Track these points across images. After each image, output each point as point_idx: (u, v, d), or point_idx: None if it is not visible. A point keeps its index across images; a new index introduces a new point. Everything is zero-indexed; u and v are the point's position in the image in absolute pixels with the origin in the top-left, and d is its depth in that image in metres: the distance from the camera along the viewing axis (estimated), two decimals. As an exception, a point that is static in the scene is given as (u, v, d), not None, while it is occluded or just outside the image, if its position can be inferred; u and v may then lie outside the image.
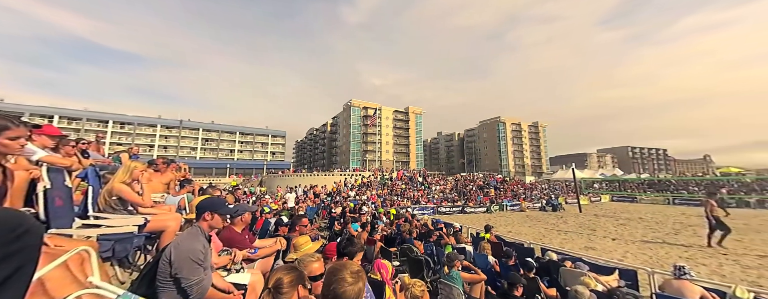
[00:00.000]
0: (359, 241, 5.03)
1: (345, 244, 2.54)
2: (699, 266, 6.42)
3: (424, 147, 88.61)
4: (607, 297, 2.96)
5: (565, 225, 12.73)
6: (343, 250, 2.47)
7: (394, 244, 6.01)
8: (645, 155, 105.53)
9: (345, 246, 2.52)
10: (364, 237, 5.16)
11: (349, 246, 2.52)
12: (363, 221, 6.92)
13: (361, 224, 6.26)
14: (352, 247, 2.51)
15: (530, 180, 40.15)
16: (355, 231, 6.07)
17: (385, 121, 68.27)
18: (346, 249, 2.49)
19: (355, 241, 2.35)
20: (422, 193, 20.46)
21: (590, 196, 25.70)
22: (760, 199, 19.30)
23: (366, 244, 5.26)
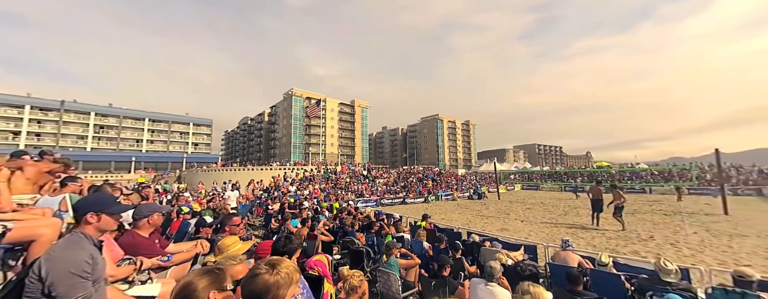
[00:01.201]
0: (299, 238, 4.84)
1: (283, 243, 2.41)
2: (579, 239, 8.20)
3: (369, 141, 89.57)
4: (513, 269, 3.55)
5: (487, 211, 14.65)
6: (281, 249, 2.34)
7: (336, 238, 5.99)
8: (547, 151, 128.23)
9: (283, 244, 2.39)
10: (304, 233, 4.99)
11: (288, 244, 2.41)
12: (303, 217, 6.66)
13: (302, 220, 6.02)
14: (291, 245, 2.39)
15: (462, 172, 44.72)
16: (294, 228, 5.81)
17: (330, 113, 66.30)
18: (285, 247, 2.37)
19: (293, 239, 2.25)
20: (367, 186, 20.77)
21: (507, 186, 30.07)
22: (620, 186, 25.68)
23: (307, 240, 5.10)
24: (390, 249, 3.47)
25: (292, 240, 2.21)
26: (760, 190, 19.79)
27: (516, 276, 3.37)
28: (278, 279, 1.01)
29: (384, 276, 3.37)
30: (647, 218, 11.51)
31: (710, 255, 6.37)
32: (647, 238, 8.03)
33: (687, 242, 7.51)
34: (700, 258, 6.06)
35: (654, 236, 8.27)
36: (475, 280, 2.89)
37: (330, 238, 5.28)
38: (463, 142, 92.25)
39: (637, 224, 10.26)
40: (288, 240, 2.22)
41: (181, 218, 4.90)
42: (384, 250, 3.56)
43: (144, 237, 2.38)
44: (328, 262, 3.00)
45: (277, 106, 66.51)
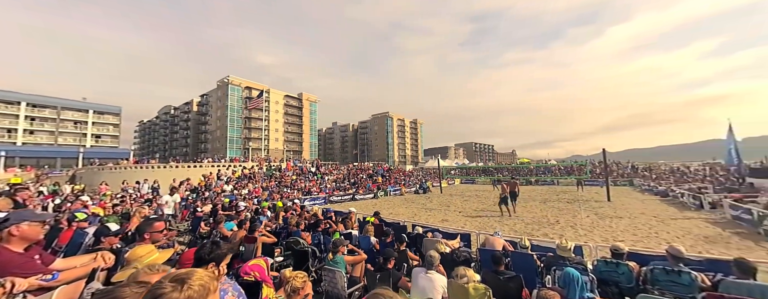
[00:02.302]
0: (233, 242, 4.42)
1: (209, 249, 2.15)
2: (504, 226, 9.41)
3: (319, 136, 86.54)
4: (450, 256, 3.89)
5: (431, 204, 15.69)
6: (206, 256, 2.09)
7: (279, 239, 5.66)
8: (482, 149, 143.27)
9: (209, 250, 2.13)
10: (241, 236, 4.58)
11: (215, 249, 2.16)
12: (241, 218, 6.10)
13: (238, 222, 5.50)
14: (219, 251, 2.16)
15: (410, 168, 46.78)
16: (229, 231, 5.29)
17: (274, 105, 61.75)
18: (212, 253, 2.12)
19: (221, 244, 2.02)
20: (315, 183, 20.08)
21: (448, 180, 32.63)
22: (537, 179, 30.21)
23: (244, 243, 4.69)
24: (336, 247, 3.44)
25: (220, 246, 2.00)
26: (632, 181, 25.67)
27: (452, 263, 3.70)
28: (190, 295, 0.85)
29: (330, 275, 3.33)
30: (555, 206, 13.83)
31: (597, 233, 8.02)
32: (554, 222, 9.69)
33: (582, 224, 9.30)
34: (590, 237, 7.57)
35: (559, 220, 10.01)
36: (417, 269, 3.08)
37: (272, 240, 4.96)
38: (411, 140, 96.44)
39: (548, 211, 12.27)
40: (215, 246, 2.00)
41: (74, 226, 3.97)
42: (330, 248, 3.51)
43: (15, 252, 1.86)
44: (268, 265, 2.82)
45: (210, 94, 59.05)
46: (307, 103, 69.33)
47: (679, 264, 3.14)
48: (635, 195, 17.98)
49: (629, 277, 3.29)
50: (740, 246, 6.49)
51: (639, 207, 12.61)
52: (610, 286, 3.33)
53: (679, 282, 3.00)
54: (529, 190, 22.65)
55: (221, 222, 5.59)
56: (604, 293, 3.22)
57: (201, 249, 2.07)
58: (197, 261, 2.05)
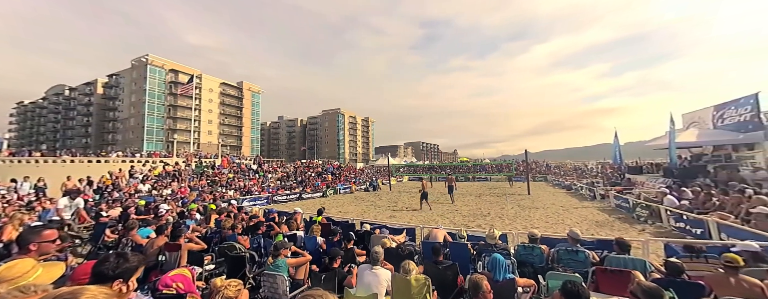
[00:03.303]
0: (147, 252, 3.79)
1: (114, 262, 1.77)
2: (445, 219, 10.17)
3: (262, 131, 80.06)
4: (395, 251, 4.03)
5: (380, 201, 16.01)
6: (111, 271, 1.71)
7: (210, 245, 5.05)
8: (429, 148, 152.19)
9: (115, 264, 1.75)
10: (160, 244, 3.95)
11: (121, 262, 1.79)
12: (161, 223, 5.25)
13: (157, 227, 4.72)
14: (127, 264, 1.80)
15: (360, 166, 46.86)
16: (144, 239, 4.51)
17: (208, 93, 54.94)
18: (118, 268, 1.75)
19: (128, 255, 1.69)
20: (256, 182, 18.51)
21: (397, 178, 33.76)
22: (474, 176, 33.40)
23: (165, 251, 4.06)
24: (278, 250, 3.23)
25: (127, 257, 1.68)
26: (546, 177, 30.40)
27: (397, 257, 3.84)
28: None
29: (270, 280, 3.11)
30: (487, 199, 15.53)
31: (519, 222, 9.28)
32: (486, 214, 10.87)
33: (507, 215, 10.65)
34: (513, 226, 8.71)
35: (490, 212, 11.28)
36: (363, 266, 3.10)
37: (201, 246, 4.40)
38: (363, 138, 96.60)
39: (482, 204, 13.70)
40: (121, 258, 1.66)
41: None
42: (271, 252, 3.27)
43: None
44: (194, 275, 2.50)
45: (122, 75, 49.43)
46: (248, 94, 63.40)
47: (577, 244, 3.85)
48: (548, 189, 21.37)
49: (541, 258, 3.89)
50: (620, 228, 8.27)
51: (551, 199, 15.03)
52: (526, 267, 3.89)
53: (576, 259, 3.66)
54: (467, 186, 24.95)
55: (133, 228, 4.71)
56: (522, 273, 3.74)
57: (102, 262, 1.69)
58: (97, 277, 1.67)
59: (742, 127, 11.67)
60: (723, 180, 9.60)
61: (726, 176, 9.93)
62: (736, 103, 12.13)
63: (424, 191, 12.60)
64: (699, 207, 7.59)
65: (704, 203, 7.75)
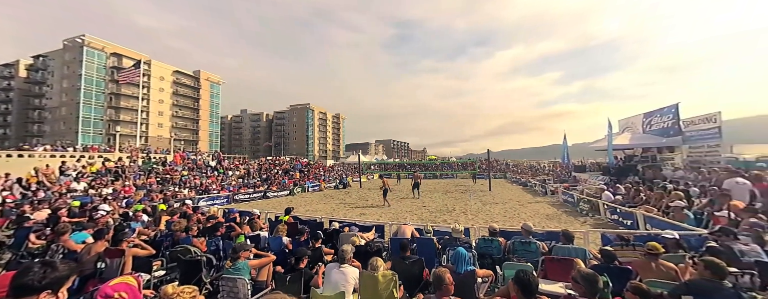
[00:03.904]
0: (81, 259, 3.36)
1: (40, 273, 1.52)
2: (413, 215, 10.44)
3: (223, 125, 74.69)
4: (364, 248, 4.04)
5: (350, 199, 15.90)
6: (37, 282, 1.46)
7: (160, 249, 4.60)
8: (399, 146, 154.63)
9: (41, 275, 1.51)
10: (98, 250, 3.50)
11: (49, 273, 1.55)
12: (100, 227, 4.65)
13: (96, 231, 4.18)
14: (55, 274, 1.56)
15: (330, 163, 45.99)
16: (78, 245, 3.97)
17: (159, 82, 49.81)
18: (46, 278, 1.50)
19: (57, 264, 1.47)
20: (214, 180, 17.22)
21: (368, 175, 33.77)
22: (441, 173, 34.68)
23: (106, 257, 3.62)
24: (237, 253, 3.05)
25: (55, 266, 1.46)
26: (505, 175, 32.64)
27: (366, 254, 3.85)
28: None
29: (229, 284, 2.93)
30: (453, 196, 16.25)
31: (481, 217, 9.86)
32: (452, 209, 11.38)
33: (471, 210, 11.25)
34: (476, 220, 9.24)
35: (455, 208, 11.82)
36: (330, 265, 3.06)
37: (148, 252, 3.99)
38: (333, 134, 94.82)
39: (448, 200, 14.30)
40: (48, 267, 1.45)
41: None
42: (230, 254, 3.08)
43: None
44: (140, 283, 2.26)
45: (51, 57, 42.74)
46: (206, 84, 58.64)
47: (529, 236, 4.20)
48: (507, 185, 23.00)
49: (499, 250, 4.18)
50: (566, 221, 9.20)
51: (509, 195, 16.20)
52: (486, 258, 4.15)
53: (529, 250, 4.00)
54: (435, 183, 25.85)
55: (65, 232, 4.11)
56: (482, 264, 3.99)
57: (25, 272, 1.44)
58: (18, 290, 1.42)
59: (665, 132, 13.66)
60: (649, 178, 11.15)
61: (652, 174, 11.55)
62: (660, 112, 14.14)
63: (386, 188, 13.07)
64: (630, 202, 8.74)
65: (634, 198, 8.94)
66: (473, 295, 2.85)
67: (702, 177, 9.11)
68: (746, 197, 6.29)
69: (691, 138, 12.39)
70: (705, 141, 11.72)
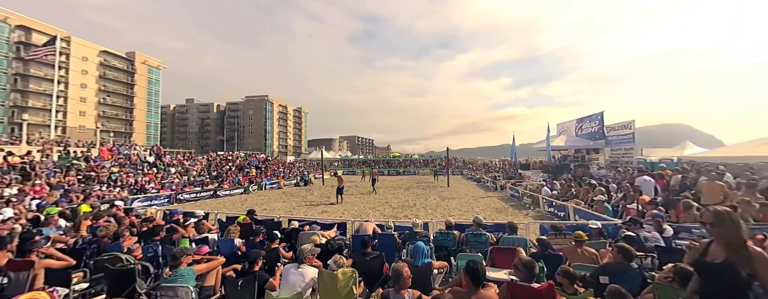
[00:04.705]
0: None
1: None
2: (375, 211, 10.56)
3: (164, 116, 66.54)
4: (325, 246, 3.98)
5: (312, 196, 15.45)
6: None
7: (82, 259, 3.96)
8: (364, 142, 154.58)
9: None
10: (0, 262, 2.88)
11: None
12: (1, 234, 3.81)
13: (-11, 241, 3.41)
14: None
15: (291, 159, 44.03)
16: (-39, 258, 3.21)
17: (80, 63, 42.50)
18: None
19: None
20: (152, 178, 15.28)
21: (331, 172, 33.14)
22: (404, 170, 35.56)
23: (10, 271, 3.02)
24: (177, 259, 2.77)
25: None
26: (462, 172, 34.77)
27: (327, 252, 3.80)
28: None
29: (169, 293, 2.64)
30: (414, 192, 16.82)
31: (439, 211, 10.38)
32: (413, 205, 11.78)
33: (430, 205, 11.78)
34: (434, 215, 9.70)
35: (416, 203, 12.26)
36: (288, 266, 2.95)
37: (66, 262, 3.41)
38: (295, 129, 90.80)
39: (409, 196, 14.75)
40: None
41: None
42: (170, 261, 2.78)
43: None
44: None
45: None
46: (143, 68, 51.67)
47: (480, 229, 4.55)
48: (464, 182, 24.55)
49: (454, 242, 4.46)
50: (512, 213, 10.16)
51: (465, 191, 17.32)
52: (442, 250, 4.40)
53: (480, 241, 4.34)
54: (398, 180, 26.42)
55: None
56: (439, 256, 4.22)
57: None
58: None
59: (592, 136, 15.85)
60: (579, 175, 12.85)
61: (581, 172, 13.32)
62: (589, 118, 16.35)
63: (340, 186, 13.22)
64: (563, 196, 9.98)
65: (566, 193, 10.24)
66: (429, 286, 3.01)
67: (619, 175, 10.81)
68: (652, 192, 7.64)
69: (611, 141, 14.58)
70: (622, 144, 13.90)
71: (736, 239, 1.66)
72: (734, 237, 1.66)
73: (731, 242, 1.67)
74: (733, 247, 1.65)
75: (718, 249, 1.73)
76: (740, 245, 1.64)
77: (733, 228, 1.67)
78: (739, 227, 1.68)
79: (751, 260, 1.58)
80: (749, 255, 1.59)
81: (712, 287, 1.73)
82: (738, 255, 1.62)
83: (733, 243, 1.66)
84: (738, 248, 1.64)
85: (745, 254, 1.60)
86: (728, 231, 1.68)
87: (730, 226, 1.68)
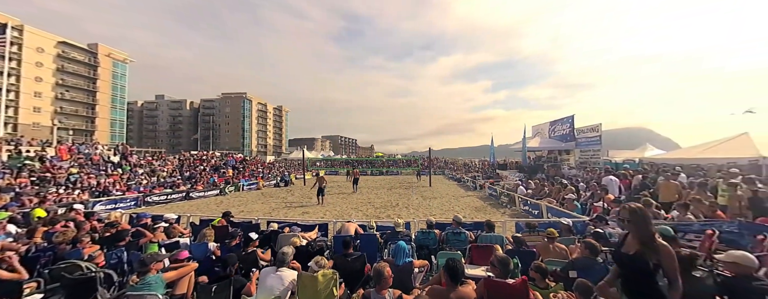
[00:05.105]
0: None
1: None
2: (358, 212, 10.51)
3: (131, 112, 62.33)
4: (305, 248, 3.91)
5: (293, 197, 15.09)
6: None
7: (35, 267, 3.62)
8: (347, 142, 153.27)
9: None
10: None
11: None
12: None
13: None
14: None
15: (271, 159, 42.74)
16: None
17: (35, 54, 38.95)
18: None
19: None
20: (117, 179, 14.24)
21: (313, 172, 32.55)
22: (387, 170, 35.66)
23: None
24: (145, 265, 2.60)
25: None
26: (444, 172, 35.48)
27: (307, 254, 3.73)
28: None
29: (136, 301, 2.47)
30: (397, 192, 16.92)
31: (421, 211, 10.52)
32: (396, 205, 11.85)
33: (413, 205, 11.91)
34: (416, 214, 9.82)
35: (399, 203, 12.35)
36: (266, 269, 2.86)
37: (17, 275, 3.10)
38: (275, 128, 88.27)
39: (392, 196, 14.82)
40: None
41: None
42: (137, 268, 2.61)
43: None
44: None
45: None
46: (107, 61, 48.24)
47: (460, 227, 4.67)
48: (445, 181, 25.05)
49: (435, 241, 4.54)
50: (490, 212, 10.50)
51: (446, 190, 17.68)
52: (423, 249, 4.47)
53: (459, 239, 4.45)
54: (382, 180, 26.46)
55: None
56: (420, 255, 4.28)
57: None
58: None
59: (564, 138, 16.76)
60: (552, 175, 13.54)
61: (554, 172, 14.05)
62: (561, 121, 17.27)
63: (321, 186, 12.52)
64: (537, 195, 10.48)
65: (540, 192, 10.76)
66: (410, 285, 3.04)
67: (588, 175, 11.50)
68: (616, 191, 8.21)
69: (581, 143, 15.50)
70: (590, 146, 14.82)
71: (646, 233, 1.85)
72: (645, 231, 1.86)
73: (642, 236, 1.86)
74: (644, 240, 1.85)
75: (632, 241, 1.93)
76: (649, 238, 1.84)
77: (644, 223, 1.87)
78: (649, 223, 1.88)
79: (657, 252, 1.78)
80: (656, 248, 1.79)
81: (627, 274, 1.96)
82: (647, 247, 1.82)
83: (644, 237, 1.85)
84: (647, 241, 1.83)
85: (653, 246, 1.80)
86: (640, 226, 1.88)
87: (642, 222, 1.87)
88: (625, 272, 1.98)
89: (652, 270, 1.79)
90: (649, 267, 1.79)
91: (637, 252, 1.85)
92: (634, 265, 1.88)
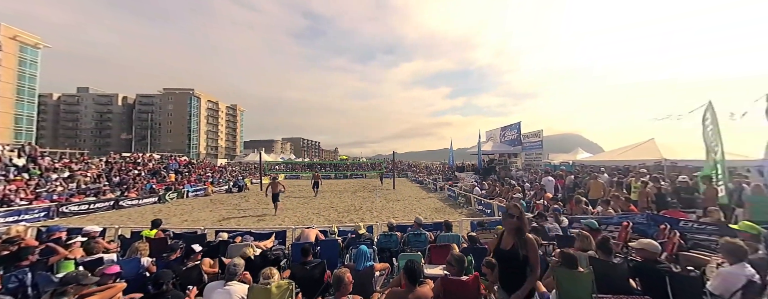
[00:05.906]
0: None
1: None
2: (320, 217, 10.19)
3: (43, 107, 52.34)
4: (261, 258, 3.65)
5: (247, 204, 14.03)
6: None
7: None
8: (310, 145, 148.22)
9: None
10: None
11: None
12: None
13: None
14: None
15: (223, 162, 39.24)
16: None
17: None
18: None
19: None
20: (22, 186, 11.75)
21: (271, 176, 30.70)
22: (352, 174, 35.25)
23: None
24: (64, 287, 2.18)
25: None
26: (407, 174, 36.32)
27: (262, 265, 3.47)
28: None
29: (39, 334, 2.04)
30: (361, 195, 16.83)
31: (384, 214, 10.59)
32: (359, 209, 11.76)
33: (376, 208, 11.94)
34: (380, 217, 9.85)
35: (362, 207, 12.28)
36: (211, 284, 2.60)
37: None
38: (228, 128, 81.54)
39: (356, 200, 14.69)
40: None
41: None
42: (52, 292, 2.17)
43: None
44: None
45: None
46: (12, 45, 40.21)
47: (421, 228, 4.81)
48: (408, 184, 25.66)
49: (396, 243, 4.61)
50: (449, 212, 11.01)
51: (408, 192, 18.12)
52: (386, 252, 4.50)
53: (420, 240, 4.58)
54: (346, 183, 26.07)
55: None
56: (382, 258, 4.29)
57: None
58: None
59: (512, 142, 18.41)
60: (503, 176, 14.76)
61: (504, 174, 15.32)
62: (510, 127, 18.97)
63: (275, 192, 10.94)
64: (489, 195, 11.31)
65: (492, 192, 11.63)
66: (371, 289, 3.03)
67: (532, 176, 12.78)
68: (553, 190, 9.25)
69: (526, 147, 17.19)
70: (533, 150, 16.51)
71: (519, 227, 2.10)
72: (516, 226, 2.11)
73: (516, 230, 2.11)
74: (517, 235, 2.10)
75: (508, 237, 2.19)
76: (521, 232, 2.09)
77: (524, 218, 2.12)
78: (521, 218, 2.13)
79: (526, 245, 2.04)
80: (525, 241, 2.06)
81: (504, 269, 2.20)
82: (519, 241, 2.07)
83: (518, 231, 2.10)
84: (519, 235, 2.09)
85: (523, 239, 2.06)
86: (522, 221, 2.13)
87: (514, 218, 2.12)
88: (503, 266, 2.20)
89: (523, 262, 2.01)
90: (520, 259, 2.01)
91: (512, 247, 2.08)
92: (510, 261, 2.09)
